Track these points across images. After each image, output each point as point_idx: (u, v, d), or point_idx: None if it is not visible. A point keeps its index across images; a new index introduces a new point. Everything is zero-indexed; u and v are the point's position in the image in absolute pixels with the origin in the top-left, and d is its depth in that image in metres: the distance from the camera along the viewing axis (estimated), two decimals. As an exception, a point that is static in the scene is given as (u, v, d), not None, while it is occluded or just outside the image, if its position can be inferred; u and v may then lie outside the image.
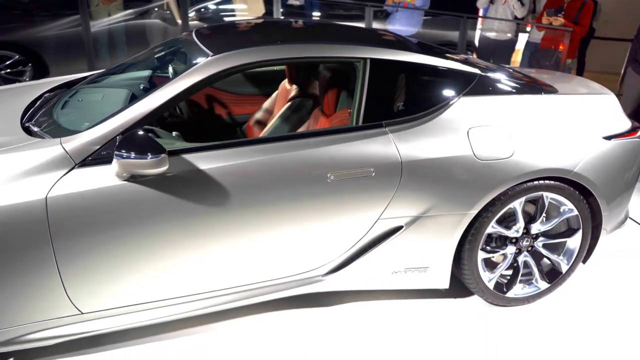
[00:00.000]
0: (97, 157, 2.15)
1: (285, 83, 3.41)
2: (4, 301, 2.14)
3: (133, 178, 2.15)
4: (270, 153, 2.33)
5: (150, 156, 2.03)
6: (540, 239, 2.82)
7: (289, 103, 3.15)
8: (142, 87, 2.81)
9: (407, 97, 2.58)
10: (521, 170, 2.56)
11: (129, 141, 2.07)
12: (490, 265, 2.83)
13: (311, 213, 2.41)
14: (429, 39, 4.57)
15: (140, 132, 2.11)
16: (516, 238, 2.77)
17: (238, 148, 2.32)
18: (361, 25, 5.91)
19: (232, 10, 7.09)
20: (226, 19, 6.98)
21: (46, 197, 2.06)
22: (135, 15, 6.39)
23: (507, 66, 3.59)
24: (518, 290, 2.86)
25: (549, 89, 2.89)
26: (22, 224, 2.05)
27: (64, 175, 2.11)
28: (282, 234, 2.41)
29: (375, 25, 6.25)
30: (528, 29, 6.39)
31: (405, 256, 2.63)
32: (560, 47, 5.83)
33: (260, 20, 4.88)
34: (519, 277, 2.84)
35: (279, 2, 5.82)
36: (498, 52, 6.34)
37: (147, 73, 2.99)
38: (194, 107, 3.54)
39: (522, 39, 6.49)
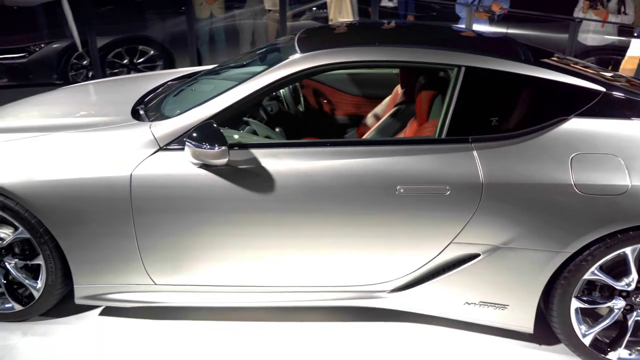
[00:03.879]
0: (179, 142, 2.31)
1: (397, 88, 3.29)
2: (92, 262, 2.42)
3: (206, 167, 2.26)
4: (340, 157, 2.27)
5: (207, 146, 2.12)
6: (662, 298, 2.31)
7: (394, 109, 3.04)
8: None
9: (503, 113, 2.31)
10: (637, 211, 2.12)
11: (199, 130, 2.19)
12: (592, 316, 2.40)
13: (376, 224, 2.30)
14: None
15: (210, 123, 2.21)
16: (627, 292, 2.30)
17: (308, 148, 2.31)
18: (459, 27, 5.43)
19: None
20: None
21: (131, 174, 2.28)
22: (243, 15, 6.72)
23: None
24: (624, 354, 2.37)
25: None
26: (108, 195, 2.30)
27: (149, 156, 2.31)
28: (345, 240, 2.34)
29: (480, 27, 5.68)
30: None
31: (480, 288, 2.36)
32: None
33: (365, 22, 4.77)
34: (626, 339, 2.35)
35: (376, 6, 5.61)
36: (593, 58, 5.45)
37: (260, 68, 3.11)
38: (306, 105, 3.59)
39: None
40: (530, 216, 2.20)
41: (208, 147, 2.13)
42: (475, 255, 2.31)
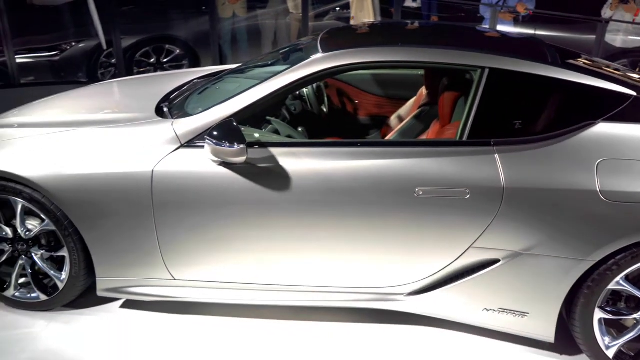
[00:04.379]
0: (200, 140, 2.33)
1: (423, 89, 3.25)
2: (114, 255, 2.47)
3: (226, 164, 2.28)
4: (359, 158, 2.26)
5: (227, 144, 2.14)
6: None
7: (418, 110, 3.00)
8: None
9: (528, 116, 2.25)
10: (668, 221, 2.04)
11: (219, 128, 2.21)
12: (617, 327, 2.32)
13: (394, 226, 2.27)
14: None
15: (230, 121, 2.23)
16: (655, 304, 2.22)
17: (326, 148, 2.31)
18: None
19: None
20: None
21: (153, 170, 2.32)
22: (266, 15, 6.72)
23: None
24: (650, 368, 2.29)
25: None
26: (131, 190, 2.34)
27: (171, 153, 2.34)
28: (363, 241, 2.32)
29: (504, 28, 5.53)
30: None
31: (500, 294, 2.32)
32: None
33: (389, 22, 4.71)
34: (653, 353, 2.28)
35: (399, 7, 5.54)
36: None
37: (284, 67, 3.12)
38: (330, 105, 3.58)
39: None
40: (552, 223, 2.15)
41: (227, 145, 2.14)
42: (495, 261, 2.26)
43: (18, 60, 5.27)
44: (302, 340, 2.51)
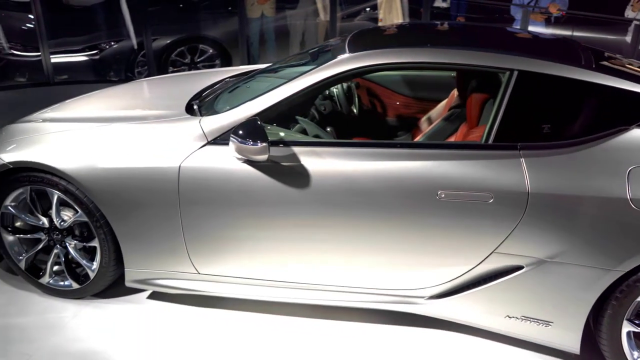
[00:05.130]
0: (226, 137, 2.37)
1: (454, 91, 3.21)
2: (141, 248, 2.54)
3: (250, 162, 2.32)
4: (382, 159, 2.26)
5: (250, 142, 2.17)
6: None
7: (448, 112, 2.96)
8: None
9: (557, 120, 2.19)
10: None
11: (243, 127, 2.24)
12: (647, 342, 2.24)
13: (415, 228, 2.26)
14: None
15: (254, 120, 2.26)
16: (688, 319, 2.13)
17: (349, 149, 2.32)
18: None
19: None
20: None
21: (180, 165, 2.38)
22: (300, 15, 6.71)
23: None
24: (683, 387, 2.19)
25: None
26: (158, 185, 2.41)
27: (197, 149, 2.39)
28: (384, 243, 2.32)
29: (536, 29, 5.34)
30: None
31: (523, 302, 2.26)
32: None
33: (418, 23, 4.64)
34: (686, 371, 2.17)
35: (428, 7, 5.42)
36: None
37: (311, 67, 3.14)
38: (360, 105, 3.57)
39: None
40: (579, 230, 2.08)
41: (251, 143, 2.18)
42: (519, 267, 2.21)
43: (59, 60, 5.49)
44: (320, 338, 2.52)
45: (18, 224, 2.77)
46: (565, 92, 2.21)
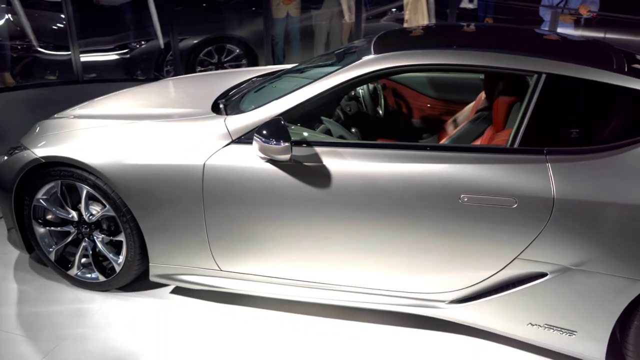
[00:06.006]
0: (250, 137, 2.40)
1: (482, 93, 3.16)
2: (166, 243, 2.58)
3: (273, 161, 2.33)
4: (404, 161, 2.24)
5: (273, 142, 2.18)
6: None
7: (475, 115, 2.92)
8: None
9: (585, 125, 2.14)
10: None
11: (267, 126, 2.26)
12: (676, 356, 2.16)
13: (437, 231, 2.24)
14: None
15: (278, 119, 2.27)
16: None
17: (371, 150, 2.31)
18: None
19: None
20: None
21: (204, 163, 2.41)
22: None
23: None
24: None
25: None
26: (183, 182, 2.45)
27: (222, 148, 2.42)
28: (405, 246, 2.30)
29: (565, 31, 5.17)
30: None
31: (546, 309, 2.22)
32: None
33: (445, 25, 4.57)
34: None
35: (454, 8, 5.32)
36: None
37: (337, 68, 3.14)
38: (386, 106, 3.56)
39: None
40: (606, 238, 2.03)
41: (273, 142, 2.19)
42: (542, 274, 2.17)
43: (88, 59, 5.60)
44: (339, 338, 2.52)
45: (49, 216, 2.85)
46: (594, 96, 2.16)
